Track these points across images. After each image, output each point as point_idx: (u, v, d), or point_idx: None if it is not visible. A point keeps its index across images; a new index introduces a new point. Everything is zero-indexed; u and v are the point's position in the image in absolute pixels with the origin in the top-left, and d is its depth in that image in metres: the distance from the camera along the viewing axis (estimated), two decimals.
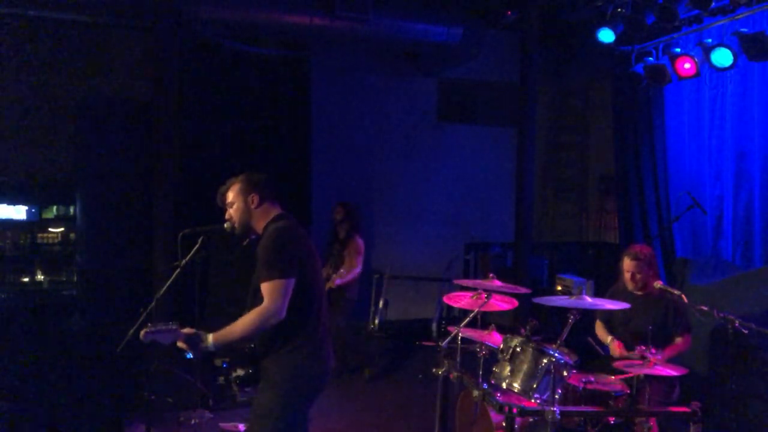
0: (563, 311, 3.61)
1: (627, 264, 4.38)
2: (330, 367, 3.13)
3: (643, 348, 3.73)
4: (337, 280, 6.00)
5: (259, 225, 3.15)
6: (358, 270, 6.13)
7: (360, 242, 6.19)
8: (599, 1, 6.33)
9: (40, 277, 6.62)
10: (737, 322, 3.77)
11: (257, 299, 2.99)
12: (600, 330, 4.58)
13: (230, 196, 3.17)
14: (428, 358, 6.98)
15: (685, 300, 4.05)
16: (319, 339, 3.08)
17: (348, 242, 6.18)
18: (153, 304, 3.27)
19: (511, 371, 3.55)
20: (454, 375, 3.91)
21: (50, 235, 6.68)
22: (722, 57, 5.48)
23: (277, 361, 2.99)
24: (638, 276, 4.33)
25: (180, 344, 2.86)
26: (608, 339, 4.43)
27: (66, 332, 6.03)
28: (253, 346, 3.01)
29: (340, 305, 6.13)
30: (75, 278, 6.64)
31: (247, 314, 2.92)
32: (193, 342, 2.85)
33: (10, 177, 6.85)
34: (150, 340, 2.81)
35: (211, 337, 2.87)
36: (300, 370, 2.98)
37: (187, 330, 2.85)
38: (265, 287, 2.90)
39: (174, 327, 2.82)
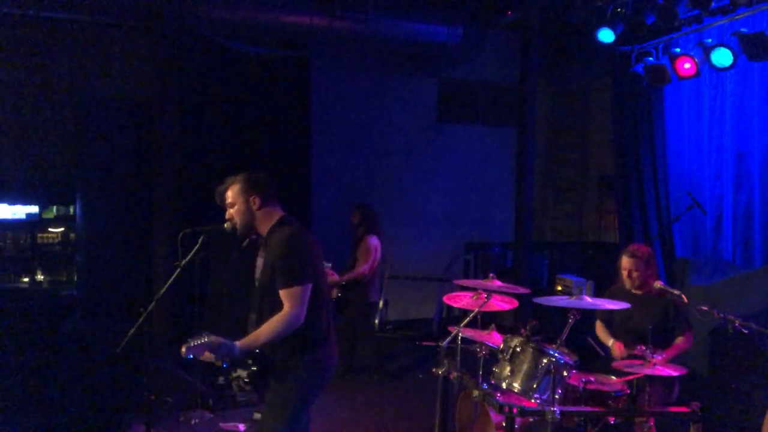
0: (563, 311, 3.61)
1: (624, 262, 4.39)
2: (336, 363, 3.20)
3: (644, 348, 3.73)
4: (334, 276, 5.95)
5: (262, 227, 3.15)
6: (363, 269, 6.03)
7: (371, 242, 6.12)
8: (599, 1, 6.32)
9: (40, 277, 6.61)
10: (737, 322, 3.77)
11: (265, 301, 3.04)
12: (600, 331, 4.58)
13: (230, 196, 3.16)
14: (428, 358, 6.99)
15: (685, 300, 4.05)
16: (329, 335, 3.15)
17: (360, 243, 6.18)
18: (153, 304, 3.27)
19: (511, 371, 3.55)
20: (454, 375, 3.91)
21: (50, 235, 6.67)
22: (722, 57, 5.48)
23: (292, 360, 3.03)
24: (635, 274, 4.33)
25: (206, 354, 2.83)
26: (610, 341, 4.43)
27: (66, 332, 6.03)
28: (257, 351, 3.03)
29: (360, 307, 6.14)
30: (75, 278, 6.63)
31: (269, 321, 2.94)
32: (221, 350, 2.83)
33: (10, 177, 6.84)
34: (191, 355, 2.80)
35: (237, 345, 2.88)
36: (315, 365, 3.06)
37: (213, 339, 2.82)
38: (285, 294, 2.94)
39: (206, 338, 2.81)
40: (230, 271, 6.08)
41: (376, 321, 6.94)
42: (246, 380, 3.01)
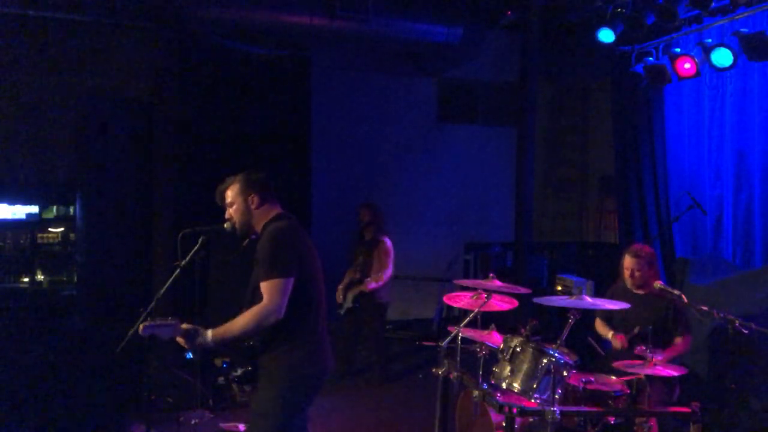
0: (563, 311, 3.61)
1: (627, 261, 4.40)
2: (328, 367, 3.13)
3: (643, 348, 3.73)
4: (371, 284, 5.99)
5: (260, 225, 3.15)
6: (389, 272, 6.08)
7: (389, 243, 6.14)
8: (599, 1, 6.33)
9: (40, 277, 6.60)
10: (737, 322, 3.77)
11: (256, 297, 3.01)
12: (600, 326, 4.58)
13: (229, 195, 3.17)
14: (428, 358, 6.99)
15: (685, 300, 4.05)
16: (318, 338, 3.08)
17: (376, 244, 6.14)
18: (153, 304, 3.27)
19: (511, 371, 3.55)
20: (454, 375, 3.90)
21: (50, 235, 6.66)
22: (722, 57, 5.48)
23: (276, 360, 3.00)
24: (637, 273, 4.35)
25: (179, 339, 2.88)
26: (609, 334, 4.43)
27: (66, 332, 6.02)
28: (251, 342, 3.02)
29: (372, 309, 6.11)
30: (75, 278, 6.62)
31: (246, 312, 2.93)
32: (192, 337, 2.87)
33: (10, 177, 6.83)
34: (149, 333, 2.84)
35: (210, 333, 2.89)
36: (298, 369, 2.99)
37: (185, 325, 2.87)
38: (265, 286, 2.92)
39: (173, 322, 2.84)
40: (230, 271, 6.08)
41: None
42: (237, 380, 3.01)
